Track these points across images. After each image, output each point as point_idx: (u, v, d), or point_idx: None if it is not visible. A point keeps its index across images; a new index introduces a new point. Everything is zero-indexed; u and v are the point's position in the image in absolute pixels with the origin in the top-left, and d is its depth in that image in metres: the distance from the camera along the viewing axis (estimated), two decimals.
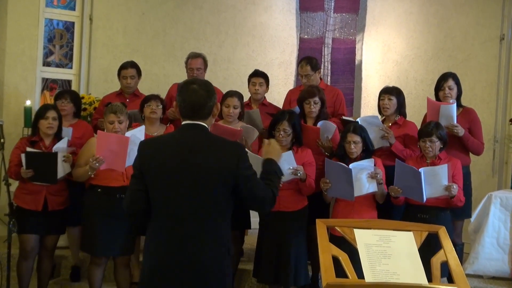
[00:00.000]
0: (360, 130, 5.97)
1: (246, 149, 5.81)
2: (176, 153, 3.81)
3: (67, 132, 6.53)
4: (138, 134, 5.83)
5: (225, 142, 3.97)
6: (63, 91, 7.58)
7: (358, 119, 6.45)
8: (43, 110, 6.21)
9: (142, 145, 3.96)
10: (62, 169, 6.07)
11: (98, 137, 5.87)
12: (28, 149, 5.94)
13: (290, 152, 5.86)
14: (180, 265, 3.73)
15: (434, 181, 5.72)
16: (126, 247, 6.02)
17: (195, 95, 3.87)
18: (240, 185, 3.81)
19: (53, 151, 6.01)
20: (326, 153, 6.32)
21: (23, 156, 5.92)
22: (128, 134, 5.79)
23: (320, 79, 7.20)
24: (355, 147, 5.91)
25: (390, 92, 6.51)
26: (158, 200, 3.82)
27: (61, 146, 6.07)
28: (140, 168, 3.87)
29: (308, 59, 7.14)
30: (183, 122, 3.93)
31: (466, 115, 6.52)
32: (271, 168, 4.09)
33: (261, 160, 5.62)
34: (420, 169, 5.70)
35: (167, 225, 3.78)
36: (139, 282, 3.95)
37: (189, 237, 3.74)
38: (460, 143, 6.38)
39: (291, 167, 5.79)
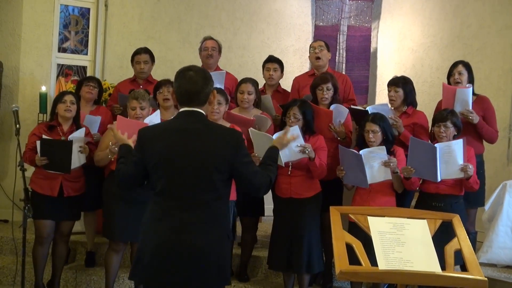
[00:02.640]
0: (379, 120, 5.94)
1: (254, 130, 5.85)
2: (175, 141, 3.87)
3: (95, 120, 6.60)
4: (154, 119, 5.85)
5: (223, 130, 4.04)
6: (91, 76, 7.65)
7: (367, 108, 6.43)
8: (61, 94, 6.27)
9: (141, 133, 4.01)
10: (77, 160, 6.10)
11: (117, 122, 5.88)
12: (44, 136, 5.97)
13: (296, 127, 5.80)
14: (180, 250, 3.80)
15: (450, 159, 5.67)
16: None
17: (191, 82, 3.90)
18: (237, 172, 3.91)
19: (68, 139, 6.04)
20: (339, 138, 6.31)
21: (38, 143, 5.95)
22: (146, 121, 5.81)
23: (328, 66, 7.19)
24: (374, 136, 5.87)
25: (395, 84, 6.46)
26: (158, 186, 3.89)
27: (77, 136, 6.09)
28: (140, 155, 3.95)
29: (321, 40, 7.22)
30: (181, 109, 3.96)
31: (480, 103, 6.49)
32: (274, 155, 4.24)
33: (269, 137, 5.63)
34: (436, 145, 5.67)
35: (167, 210, 3.86)
36: (136, 266, 3.98)
37: (188, 222, 3.81)
38: (474, 131, 6.36)
39: (299, 144, 5.78)
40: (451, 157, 5.68)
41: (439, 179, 5.70)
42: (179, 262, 3.80)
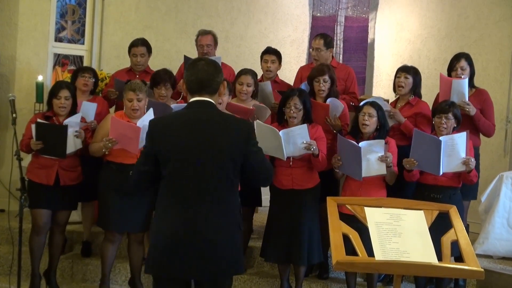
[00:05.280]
0: (377, 106, 5.94)
1: (260, 122, 5.85)
2: (186, 131, 3.88)
3: (92, 107, 6.56)
4: (147, 120, 5.76)
5: (234, 120, 4.09)
6: (86, 67, 7.65)
7: (360, 104, 6.42)
8: (56, 88, 6.17)
9: (153, 123, 4.03)
10: (73, 144, 6.07)
11: (111, 122, 5.87)
12: (39, 120, 5.96)
13: (305, 125, 5.83)
14: (192, 242, 3.82)
15: (453, 152, 5.66)
16: (140, 224, 6.03)
17: (203, 71, 3.95)
18: (248, 161, 3.93)
19: (64, 123, 6.02)
20: (335, 131, 6.30)
21: (33, 126, 5.94)
22: (139, 123, 5.76)
23: (332, 57, 7.17)
24: (369, 119, 5.86)
25: (407, 71, 6.44)
26: (170, 178, 3.90)
27: (73, 120, 6.07)
28: (151, 146, 3.94)
29: (323, 35, 7.15)
30: (191, 99, 3.99)
31: (479, 96, 6.46)
32: None
33: (275, 131, 5.66)
34: (441, 138, 5.66)
35: (179, 202, 3.87)
36: (149, 258, 3.98)
37: (201, 214, 3.83)
38: (471, 124, 6.31)
39: (305, 141, 5.79)
40: (454, 150, 5.68)
41: (441, 173, 5.70)
42: (192, 253, 3.82)
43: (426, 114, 6.35)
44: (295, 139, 5.79)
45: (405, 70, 6.46)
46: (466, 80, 6.24)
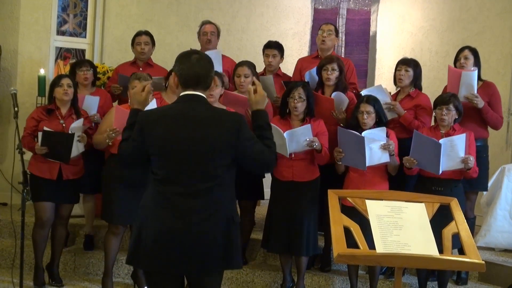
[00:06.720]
0: (373, 101, 5.95)
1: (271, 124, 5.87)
2: (176, 126, 3.80)
3: (95, 100, 6.59)
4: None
5: (226, 114, 4.00)
6: (82, 60, 7.66)
7: (361, 92, 6.42)
8: (58, 78, 6.26)
9: (142, 116, 3.93)
10: (76, 149, 6.11)
11: (115, 112, 5.89)
12: (45, 128, 5.98)
13: (309, 126, 5.87)
14: (183, 237, 3.75)
15: (452, 152, 5.68)
16: None
17: (200, 66, 3.85)
18: (242, 154, 3.83)
19: (70, 131, 6.05)
20: (341, 124, 6.30)
21: (40, 134, 5.98)
22: None
23: (333, 50, 7.19)
24: (368, 117, 5.88)
25: (407, 64, 6.45)
26: (159, 171, 3.83)
27: (77, 126, 6.10)
28: (141, 139, 3.87)
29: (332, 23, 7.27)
30: (183, 93, 3.89)
31: (486, 88, 6.45)
32: (263, 121, 4.00)
33: (280, 131, 5.67)
34: (440, 141, 5.66)
35: (169, 197, 3.80)
36: (135, 249, 3.89)
37: (191, 209, 3.76)
38: (478, 116, 6.32)
39: (307, 139, 5.81)
40: (453, 150, 5.69)
41: (440, 172, 5.70)
42: (182, 248, 3.75)
43: (426, 106, 6.36)
44: (299, 138, 5.82)
45: (405, 63, 6.46)
46: (476, 72, 6.22)
